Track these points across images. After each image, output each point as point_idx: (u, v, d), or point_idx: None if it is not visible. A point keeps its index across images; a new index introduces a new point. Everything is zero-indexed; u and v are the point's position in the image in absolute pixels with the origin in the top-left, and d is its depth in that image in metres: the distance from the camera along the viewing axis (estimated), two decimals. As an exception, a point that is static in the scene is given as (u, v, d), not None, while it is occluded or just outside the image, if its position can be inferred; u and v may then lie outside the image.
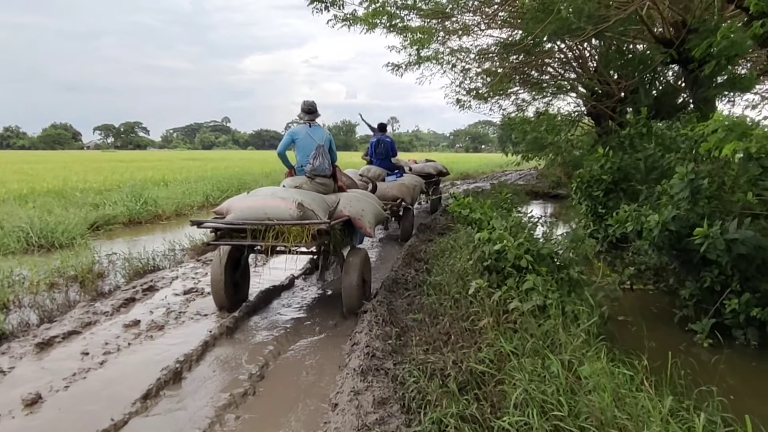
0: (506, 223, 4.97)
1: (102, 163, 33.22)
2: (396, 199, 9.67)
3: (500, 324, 4.14)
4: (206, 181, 19.43)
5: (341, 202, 6.04)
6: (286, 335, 5.07)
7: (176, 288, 6.74)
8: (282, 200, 5.25)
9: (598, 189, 9.66)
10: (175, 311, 5.78)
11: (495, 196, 16.11)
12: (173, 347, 4.72)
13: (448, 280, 5.24)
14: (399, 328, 4.75)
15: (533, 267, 4.37)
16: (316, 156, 6.15)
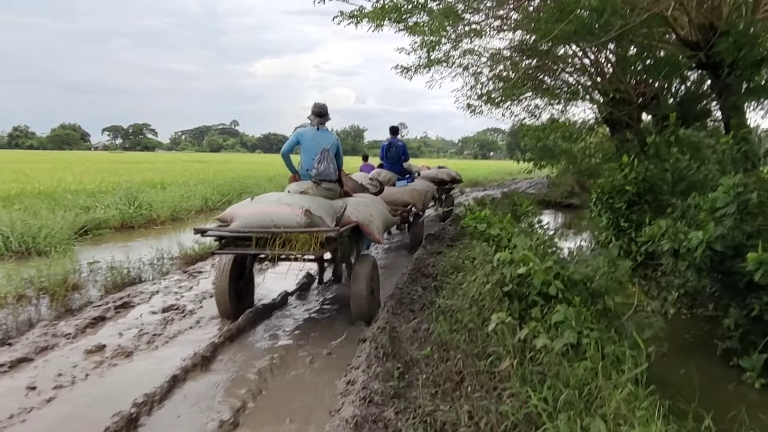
0: (530, 241, 4.26)
1: (104, 164, 32.67)
2: (406, 204, 9.21)
3: (524, 365, 3.43)
4: (207, 184, 18.80)
5: (348, 208, 5.82)
6: (272, 367, 4.34)
7: (154, 305, 6.03)
8: (288, 207, 5.09)
9: (620, 201, 8.94)
10: (149, 333, 5.07)
11: (509, 206, 15.41)
12: (137, 380, 4.01)
13: (461, 305, 4.52)
14: (403, 363, 4.03)
15: (564, 295, 3.65)
16: (320, 160, 5.95)
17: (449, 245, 9.58)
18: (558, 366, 3.29)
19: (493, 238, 4.58)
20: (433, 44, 16.69)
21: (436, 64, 17.77)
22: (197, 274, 7.55)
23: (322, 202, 5.53)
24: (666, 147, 9.22)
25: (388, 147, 10.73)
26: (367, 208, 6.06)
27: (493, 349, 3.64)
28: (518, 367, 3.36)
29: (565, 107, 20.11)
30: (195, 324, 5.48)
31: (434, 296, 5.83)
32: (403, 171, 10.75)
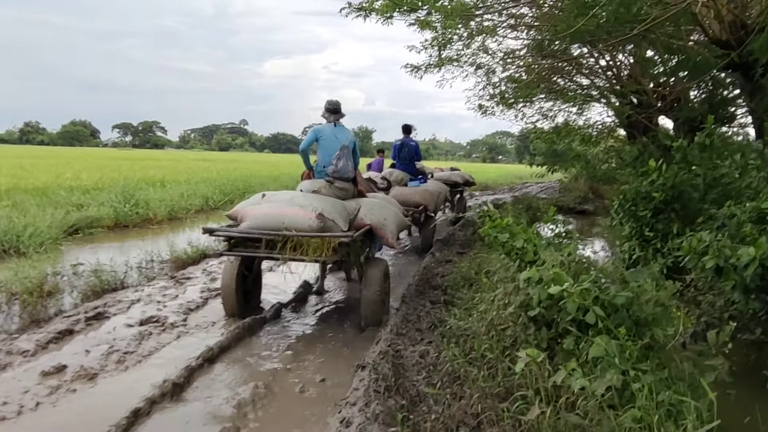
0: (561, 256, 3.63)
1: (109, 160, 32.17)
2: (418, 205, 8.90)
3: (557, 411, 2.80)
4: (209, 182, 18.23)
5: (362, 210, 5.65)
6: (255, 397, 3.69)
7: (132, 316, 5.40)
8: (301, 209, 4.97)
9: (645, 208, 8.30)
10: (119, 351, 4.45)
11: (522, 210, 14.76)
12: (95, 411, 3.41)
13: (476, 328, 3.88)
14: (408, 398, 3.39)
15: (604, 324, 3.01)
16: (340, 157, 5.79)
17: (459, 252, 8.96)
18: (600, 414, 2.66)
19: (517, 250, 3.95)
20: (445, 42, 16.15)
21: (447, 63, 17.27)
22: (185, 280, 6.93)
23: (335, 203, 5.32)
24: (697, 151, 8.56)
25: (400, 147, 10.39)
26: (381, 210, 5.85)
27: (518, 391, 3.00)
28: (550, 415, 2.72)
29: (580, 110, 19.52)
30: (175, 339, 4.86)
31: (444, 313, 5.20)
32: (415, 171, 10.41)
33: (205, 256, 8.37)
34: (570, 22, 9.16)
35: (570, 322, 3.14)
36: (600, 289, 3.17)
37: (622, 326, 3.04)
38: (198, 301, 5.93)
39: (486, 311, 3.83)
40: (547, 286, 3.23)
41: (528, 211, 15.38)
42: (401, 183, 9.87)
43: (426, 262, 7.90)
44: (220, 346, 4.49)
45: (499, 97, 17.58)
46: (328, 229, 4.93)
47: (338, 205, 5.35)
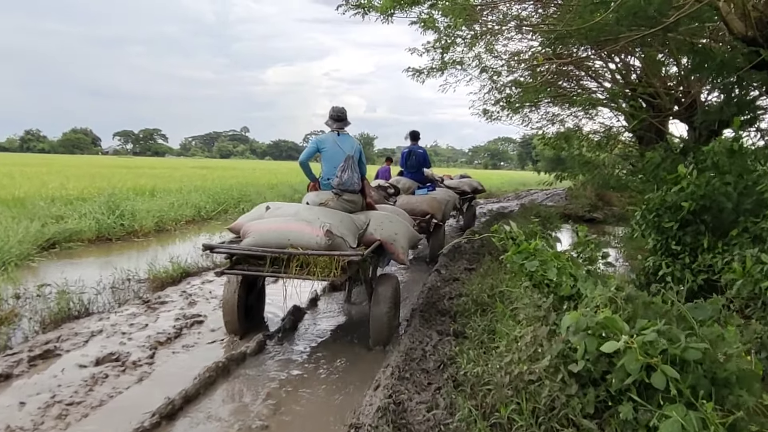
0: (608, 291, 2.84)
1: (103, 168, 31.34)
2: (426, 214, 8.62)
3: None
4: (203, 191, 17.48)
5: (371, 224, 5.46)
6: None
7: (88, 353, 4.58)
8: (308, 225, 4.74)
9: (671, 219, 7.55)
10: (63, 401, 3.64)
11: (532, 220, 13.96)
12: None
13: (498, 380, 3.08)
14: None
15: (680, 389, 2.24)
16: (344, 168, 5.52)
17: (468, 269, 8.18)
18: None
19: (549, 282, 3.17)
20: (448, 45, 15.52)
21: (451, 66, 16.66)
22: (159, 305, 6.12)
23: (344, 217, 5.13)
24: (729, 157, 7.81)
25: (408, 154, 10.18)
26: (392, 224, 5.58)
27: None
28: None
29: (588, 115, 18.79)
30: (135, 383, 4.07)
31: (454, 348, 4.42)
32: (423, 179, 10.22)
33: (186, 275, 7.61)
34: (586, 18, 8.45)
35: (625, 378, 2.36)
36: (668, 340, 2.39)
37: (697, 390, 2.27)
38: (170, 332, 5.14)
39: (507, 353, 3.04)
40: (596, 334, 2.46)
41: (537, 217, 14.65)
42: (409, 191, 9.59)
43: (431, 281, 7.12)
44: (185, 396, 3.69)
45: (505, 101, 16.88)
46: (336, 247, 4.68)
47: (347, 219, 5.15)
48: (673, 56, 13.58)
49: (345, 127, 5.78)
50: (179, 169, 37.72)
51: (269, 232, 4.77)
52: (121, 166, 36.77)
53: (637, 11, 8.04)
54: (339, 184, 5.51)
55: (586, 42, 9.63)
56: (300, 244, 4.62)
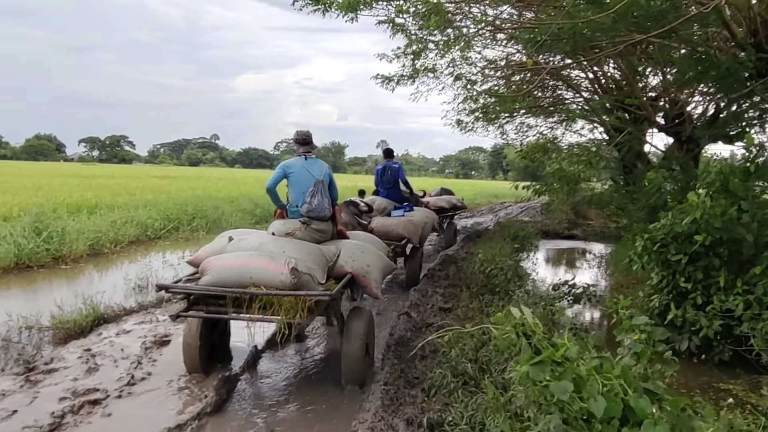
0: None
1: (56, 178, 29.30)
2: (401, 238, 8.16)
3: None
4: (155, 206, 15.98)
5: (342, 255, 5.22)
6: None
7: None
8: (271, 261, 4.43)
9: (679, 251, 6.51)
10: None
11: (509, 238, 12.92)
12: None
13: None
14: None
15: None
16: (314, 193, 5.27)
17: (443, 309, 6.99)
18: None
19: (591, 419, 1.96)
20: (419, 51, 14.47)
21: (422, 73, 15.61)
22: (44, 375, 4.66)
23: (312, 249, 4.89)
24: (743, 179, 6.75)
25: (382, 171, 9.80)
26: (364, 255, 5.30)
27: None
28: None
29: (568, 127, 17.87)
30: None
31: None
32: (400, 197, 9.78)
33: (101, 322, 6.24)
34: (579, 17, 7.37)
35: None
36: None
37: None
38: (44, 427, 3.78)
39: None
40: None
41: (515, 239, 13.60)
42: (384, 212, 9.10)
43: (399, 331, 5.91)
44: None
45: (481, 111, 15.84)
46: (302, 285, 4.36)
47: (315, 251, 4.89)
48: (658, 66, 12.65)
49: (312, 150, 5.52)
50: (140, 178, 35.88)
51: (230, 269, 4.43)
52: (76, 176, 34.73)
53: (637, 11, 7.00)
54: (308, 211, 5.21)
55: (575, 46, 8.53)
56: (263, 282, 4.31)
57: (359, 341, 4.70)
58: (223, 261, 4.56)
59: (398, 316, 6.60)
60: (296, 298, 4.31)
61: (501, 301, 7.03)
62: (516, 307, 2.57)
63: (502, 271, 7.82)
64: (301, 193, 5.29)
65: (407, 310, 6.73)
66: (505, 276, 7.63)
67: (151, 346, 5.48)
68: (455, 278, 8.91)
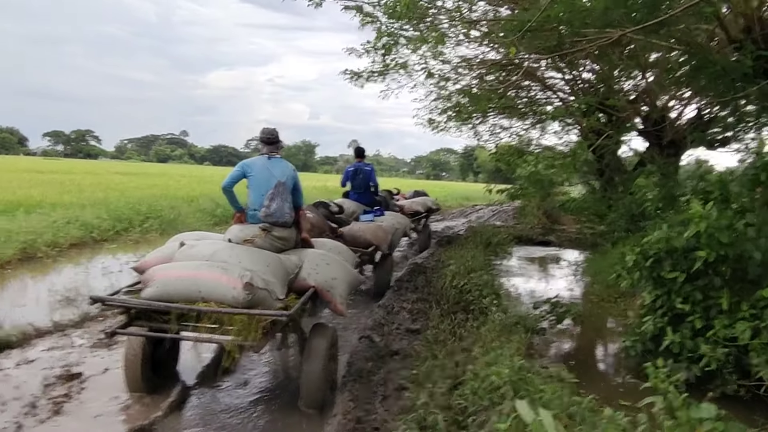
0: None
1: (6, 173, 27.75)
2: (369, 245, 7.57)
3: None
4: (105, 205, 14.82)
5: (305, 266, 4.73)
6: None
7: None
8: (224, 273, 3.94)
9: (675, 269, 5.82)
10: None
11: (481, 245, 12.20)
12: None
13: None
14: None
15: None
16: (273, 196, 4.82)
17: (410, 330, 6.17)
18: None
19: None
20: (390, 45, 13.70)
21: (393, 70, 14.88)
22: None
23: (271, 260, 4.44)
24: (750, 188, 6.08)
25: (354, 173, 9.12)
26: (329, 267, 4.87)
27: None
28: None
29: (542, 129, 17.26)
30: None
31: None
32: (371, 201, 9.14)
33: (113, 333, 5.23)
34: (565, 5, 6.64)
35: None
36: None
37: None
38: None
39: None
40: None
41: (488, 247, 12.87)
42: (352, 217, 8.50)
43: (358, 360, 5.07)
44: None
45: (453, 110, 15.10)
46: (258, 302, 3.94)
47: (275, 262, 4.44)
48: (638, 67, 12.04)
49: (278, 150, 5.13)
50: (99, 174, 34.37)
51: (176, 280, 4.00)
52: (32, 170, 33.04)
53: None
54: (267, 216, 4.78)
55: (560, 39, 7.81)
56: (213, 297, 3.91)
57: (321, 361, 4.29)
58: (169, 271, 4.12)
59: (359, 339, 5.75)
60: (250, 317, 3.84)
61: (476, 321, 6.24)
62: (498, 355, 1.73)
63: (476, 286, 7.02)
64: (260, 196, 4.86)
65: (369, 333, 5.87)
66: (480, 292, 6.83)
67: (55, 382, 4.51)
68: (424, 291, 8.12)
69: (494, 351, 4.90)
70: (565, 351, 6.41)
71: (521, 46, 11.53)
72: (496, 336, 5.64)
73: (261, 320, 3.90)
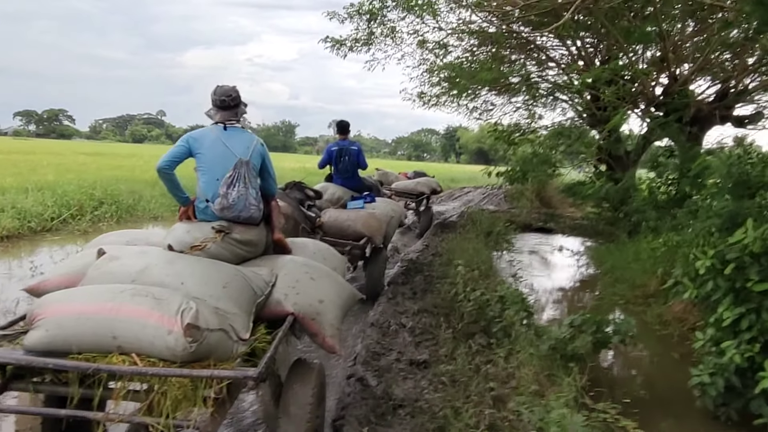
0: None
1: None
2: (360, 237, 6.50)
3: None
4: (53, 189, 12.98)
5: (281, 283, 3.15)
6: None
7: None
8: (154, 307, 2.41)
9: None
10: None
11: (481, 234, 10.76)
12: None
13: None
14: None
15: None
16: (233, 181, 3.29)
17: (416, 362, 4.62)
18: None
19: None
20: (375, 11, 12.17)
21: (380, 37, 13.37)
22: None
23: (230, 278, 2.87)
24: None
25: (338, 154, 7.43)
26: (314, 283, 3.25)
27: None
28: None
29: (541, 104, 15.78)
30: None
31: None
32: (360, 186, 7.67)
33: None
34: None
35: None
36: None
37: None
38: None
39: None
40: None
41: (489, 236, 11.40)
42: (339, 204, 7.18)
43: (347, 418, 3.51)
44: None
45: (447, 80, 13.56)
46: (209, 351, 2.40)
47: (236, 280, 2.88)
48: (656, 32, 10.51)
49: (238, 116, 3.56)
50: (62, 155, 32.15)
51: (78, 320, 2.41)
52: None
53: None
54: (224, 209, 3.29)
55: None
56: (136, 348, 2.37)
57: (304, 413, 2.82)
58: (67, 305, 2.52)
59: (348, 379, 4.19)
60: (192, 381, 2.36)
61: (500, 346, 4.74)
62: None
63: (494, 295, 5.47)
64: (213, 181, 3.33)
65: (362, 371, 4.29)
66: (501, 304, 5.30)
67: None
68: (426, 299, 6.60)
69: (540, 405, 3.45)
70: (615, 383, 4.94)
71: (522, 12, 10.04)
72: (534, 375, 4.15)
73: (212, 384, 2.40)
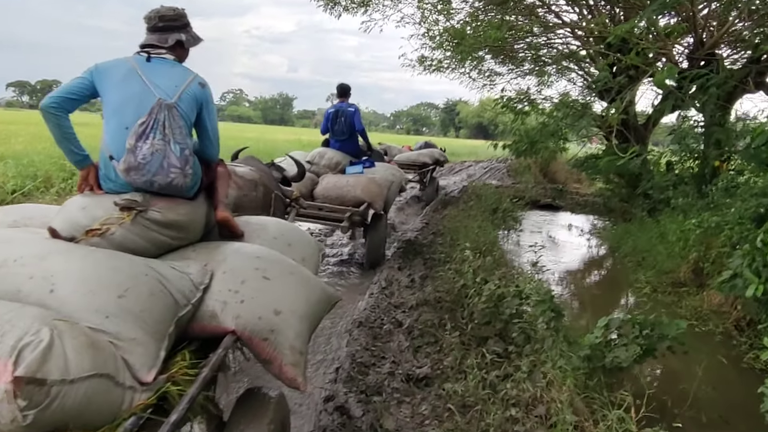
0: None
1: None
2: (360, 203, 6.10)
3: None
4: (20, 158, 11.80)
5: (216, 287, 2.09)
6: None
7: None
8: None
9: None
10: None
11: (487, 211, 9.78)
12: None
13: None
14: None
15: None
16: (144, 131, 2.16)
17: (414, 377, 3.62)
18: None
19: None
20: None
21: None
22: None
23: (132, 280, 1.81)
24: None
25: (334, 115, 7.16)
26: (268, 287, 2.14)
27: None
28: None
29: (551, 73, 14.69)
30: None
31: None
32: (357, 151, 7.35)
33: None
34: None
35: None
36: None
37: None
38: None
39: None
40: None
41: (494, 214, 10.42)
42: (337, 169, 6.95)
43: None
44: None
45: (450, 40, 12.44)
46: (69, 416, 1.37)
47: (140, 288, 1.81)
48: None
49: (169, 44, 2.47)
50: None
51: None
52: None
53: None
54: (131, 169, 2.12)
55: None
56: None
57: None
58: None
59: (324, 403, 3.18)
60: None
61: (521, 355, 3.74)
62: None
63: (509, 289, 4.43)
64: (122, 130, 2.20)
65: (343, 393, 3.26)
66: (519, 299, 4.27)
67: None
68: (425, 286, 5.60)
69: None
70: (659, 400, 3.92)
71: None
72: (569, 397, 3.16)
73: None
